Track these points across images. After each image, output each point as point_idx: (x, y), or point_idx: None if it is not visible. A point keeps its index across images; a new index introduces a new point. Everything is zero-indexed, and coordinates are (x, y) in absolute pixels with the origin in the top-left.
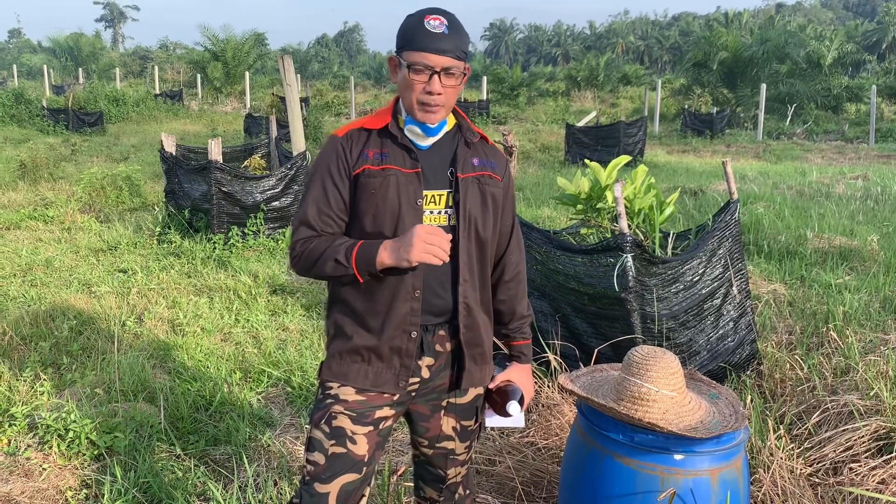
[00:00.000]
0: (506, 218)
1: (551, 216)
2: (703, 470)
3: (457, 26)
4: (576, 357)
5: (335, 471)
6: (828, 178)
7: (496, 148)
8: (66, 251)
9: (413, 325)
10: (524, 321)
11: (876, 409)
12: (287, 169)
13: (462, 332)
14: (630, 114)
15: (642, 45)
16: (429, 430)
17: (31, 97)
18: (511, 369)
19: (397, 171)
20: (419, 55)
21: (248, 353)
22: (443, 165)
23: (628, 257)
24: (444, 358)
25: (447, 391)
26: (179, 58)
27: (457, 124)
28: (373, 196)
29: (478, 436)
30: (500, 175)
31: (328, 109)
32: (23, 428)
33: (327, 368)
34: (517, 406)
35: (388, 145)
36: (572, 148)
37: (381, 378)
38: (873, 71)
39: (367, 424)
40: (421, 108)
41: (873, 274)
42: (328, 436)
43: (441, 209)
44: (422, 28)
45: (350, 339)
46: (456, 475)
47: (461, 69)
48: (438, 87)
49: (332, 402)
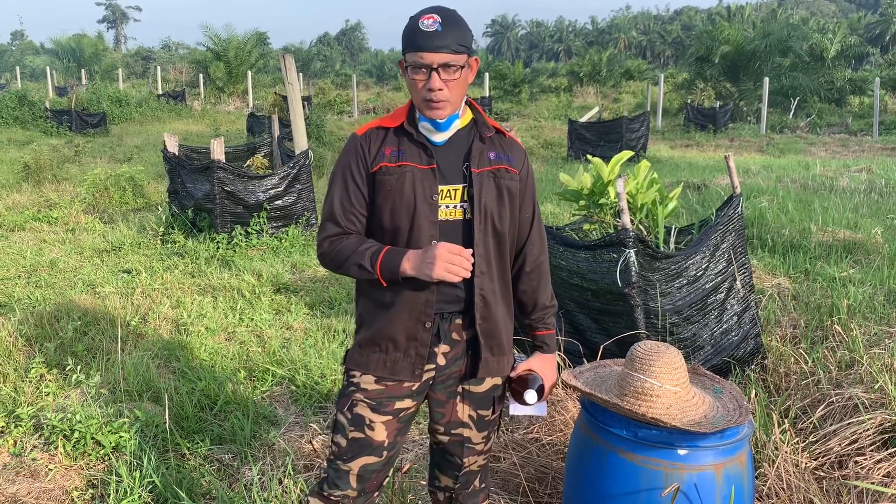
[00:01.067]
0: (525, 210)
1: (554, 212)
2: (707, 465)
3: (453, 22)
4: (580, 353)
5: (355, 453)
6: (831, 172)
7: (514, 141)
8: (71, 252)
9: (427, 316)
10: (547, 311)
11: (881, 402)
12: (290, 168)
13: (478, 322)
14: (633, 109)
15: (644, 39)
16: (444, 416)
17: (34, 99)
18: (533, 358)
19: (413, 168)
20: (416, 55)
21: (253, 352)
22: (458, 161)
23: (631, 252)
24: (460, 346)
25: (463, 378)
26: (182, 58)
27: (473, 119)
28: (390, 192)
29: (497, 427)
30: (516, 168)
31: (331, 108)
32: (28, 429)
33: (351, 357)
34: (534, 394)
35: (404, 143)
36: (575, 144)
37: (398, 366)
38: (877, 63)
39: (386, 414)
40: (426, 105)
41: (877, 267)
42: (349, 422)
43: (456, 203)
44: (417, 29)
45: (370, 329)
46: (472, 464)
47: (461, 63)
48: (438, 83)
49: (354, 389)
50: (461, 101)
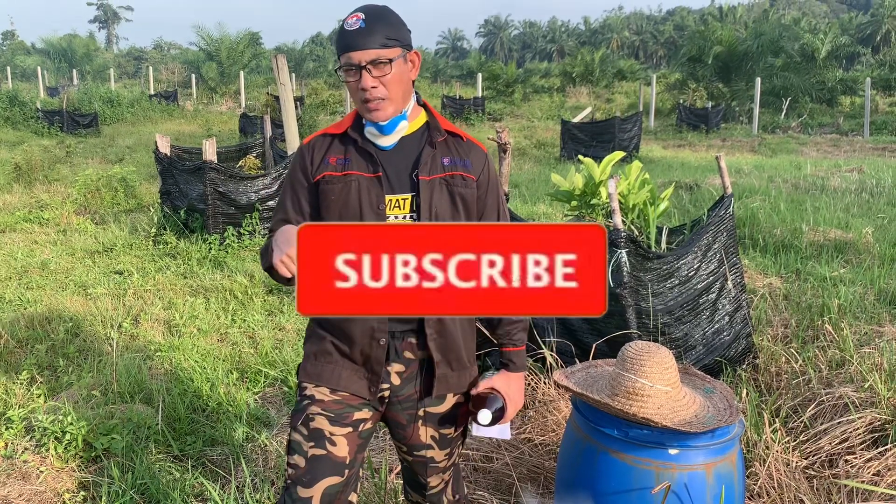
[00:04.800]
0: (487, 217)
1: (547, 212)
2: (697, 464)
3: (378, 17)
4: (572, 353)
5: (316, 474)
6: (823, 171)
7: (473, 144)
8: (62, 253)
9: (381, 332)
10: (514, 327)
11: (871, 402)
12: (282, 168)
13: (432, 337)
14: (625, 109)
15: (637, 40)
16: (407, 439)
17: (25, 99)
18: (497, 376)
19: (359, 176)
20: (345, 56)
21: (245, 353)
22: (406, 168)
23: (623, 253)
24: (414, 366)
25: (420, 400)
26: (174, 58)
27: (426, 123)
28: (335, 202)
29: (462, 442)
30: (473, 174)
31: (323, 108)
32: (19, 431)
33: (303, 370)
34: (488, 414)
35: (350, 151)
36: (568, 144)
37: (354, 382)
38: (868, 63)
39: (345, 426)
40: (365, 107)
41: (868, 266)
42: (307, 438)
43: (406, 213)
44: (343, 30)
45: (322, 340)
46: (438, 483)
47: (390, 56)
48: (370, 80)
49: (309, 402)
50: (404, 99)
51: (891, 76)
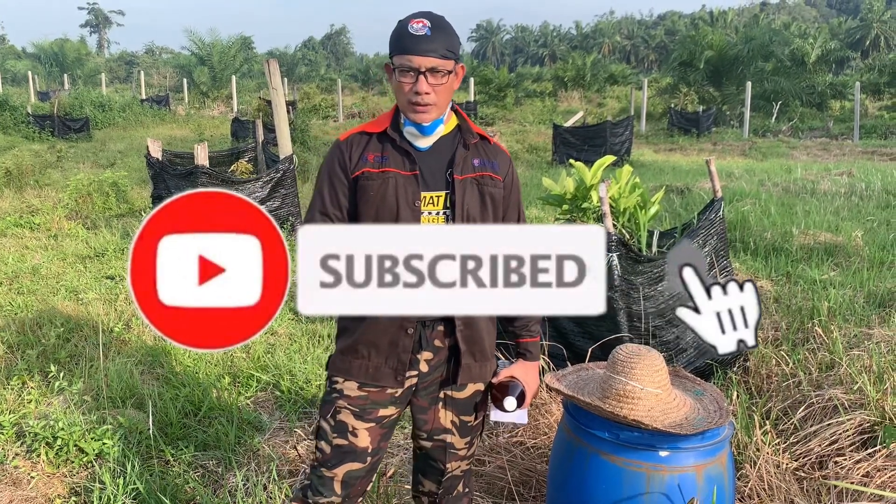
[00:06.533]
0: (510, 217)
1: (538, 216)
2: (688, 466)
3: (441, 27)
4: (563, 356)
5: (339, 460)
6: (813, 175)
7: (499, 148)
8: (53, 258)
9: (409, 322)
10: (531, 319)
11: (860, 403)
12: (274, 172)
13: (460, 328)
14: (617, 113)
15: (628, 44)
16: (427, 423)
17: (15, 104)
18: (515, 365)
19: (396, 174)
20: (404, 58)
21: (237, 357)
22: (441, 167)
23: (614, 256)
24: (443, 353)
25: (444, 384)
26: (165, 62)
27: (457, 126)
28: (373, 198)
29: (480, 432)
30: (500, 175)
31: (316, 112)
32: (10, 436)
33: (333, 364)
34: (513, 401)
35: (388, 148)
36: (559, 148)
37: (381, 373)
38: (857, 68)
39: (369, 420)
40: (412, 108)
41: (857, 269)
42: (332, 429)
43: (439, 210)
44: (406, 32)
45: (352, 335)
46: (455, 469)
47: (448, 68)
48: (425, 86)
49: (337, 396)
50: (446, 106)
51: (880, 80)
